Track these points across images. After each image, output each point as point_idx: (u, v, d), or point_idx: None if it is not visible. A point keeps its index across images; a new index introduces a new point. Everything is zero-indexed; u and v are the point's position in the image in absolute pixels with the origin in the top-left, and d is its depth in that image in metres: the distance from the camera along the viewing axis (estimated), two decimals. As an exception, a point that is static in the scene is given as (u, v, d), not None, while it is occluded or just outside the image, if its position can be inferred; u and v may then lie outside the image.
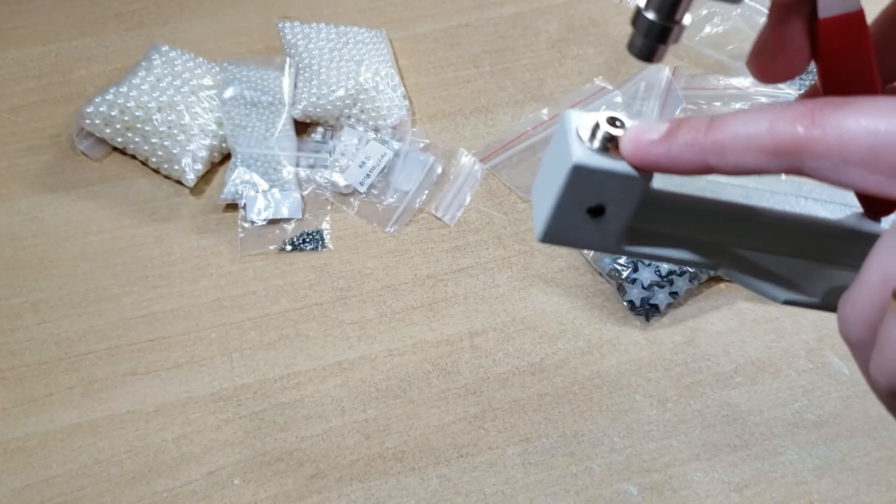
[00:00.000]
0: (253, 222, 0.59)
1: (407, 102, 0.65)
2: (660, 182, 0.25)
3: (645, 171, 0.24)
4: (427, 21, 0.73)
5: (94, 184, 0.62)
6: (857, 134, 0.19)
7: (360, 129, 0.63)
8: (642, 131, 0.23)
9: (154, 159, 0.61)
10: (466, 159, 0.63)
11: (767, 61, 0.26)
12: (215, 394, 0.52)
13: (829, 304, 0.26)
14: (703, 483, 0.50)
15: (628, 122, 0.24)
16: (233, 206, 0.60)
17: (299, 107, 0.63)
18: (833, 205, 0.27)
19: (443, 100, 0.68)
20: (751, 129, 0.21)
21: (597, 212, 0.24)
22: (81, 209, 0.61)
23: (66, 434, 0.51)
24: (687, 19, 0.24)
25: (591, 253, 0.58)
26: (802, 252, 0.27)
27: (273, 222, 0.60)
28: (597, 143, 0.24)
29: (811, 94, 0.27)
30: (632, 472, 0.50)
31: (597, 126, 0.24)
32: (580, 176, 0.23)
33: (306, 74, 0.64)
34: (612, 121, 0.24)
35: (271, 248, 0.59)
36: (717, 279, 0.58)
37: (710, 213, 0.26)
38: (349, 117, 0.63)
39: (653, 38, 0.25)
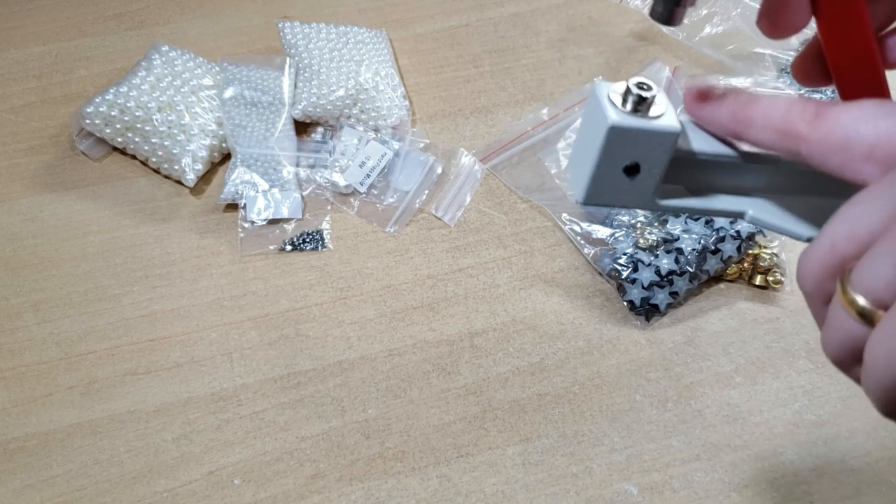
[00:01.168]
0: (253, 222, 0.59)
1: (407, 102, 0.65)
2: (687, 142, 0.28)
3: (695, 121, 0.27)
4: (427, 21, 0.73)
5: (94, 184, 0.62)
6: (840, 133, 0.23)
7: (360, 129, 0.63)
8: (701, 89, 0.28)
9: (154, 159, 0.61)
10: (466, 159, 0.63)
11: (773, 18, 0.30)
12: (215, 393, 0.52)
13: None
14: (703, 483, 0.50)
15: (655, 87, 0.26)
16: (233, 206, 0.60)
17: (299, 107, 0.63)
18: None
19: (443, 100, 0.68)
20: (773, 112, 0.25)
21: (632, 170, 0.27)
22: (81, 209, 0.61)
23: (66, 434, 0.51)
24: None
25: (591, 253, 0.58)
26: (825, 192, 0.29)
27: (273, 222, 0.60)
28: (629, 106, 0.26)
29: (810, 47, 0.31)
30: (632, 472, 0.50)
31: (627, 91, 0.26)
32: (616, 136, 0.26)
33: (306, 74, 0.64)
34: (640, 85, 0.26)
35: (271, 248, 0.59)
36: (718, 279, 0.58)
37: (736, 165, 0.29)
38: (349, 117, 0.63)
39: (672, 2, 0.28)
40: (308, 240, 0.59)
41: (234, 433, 0.51)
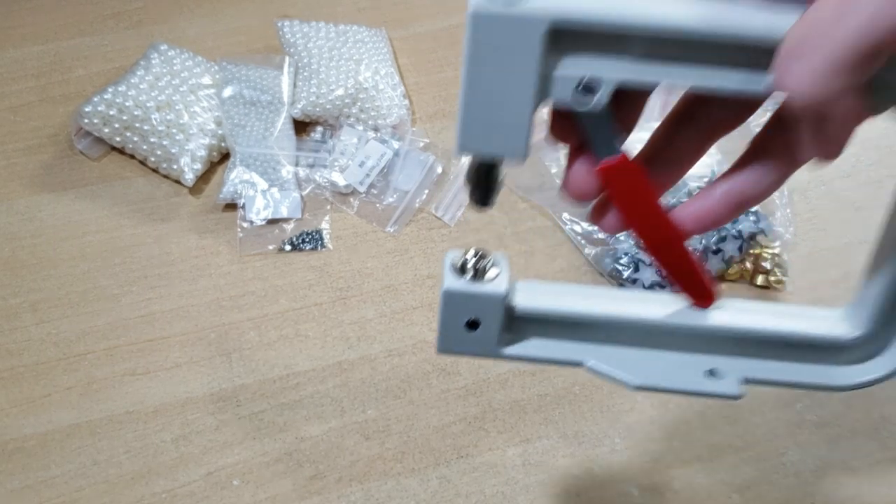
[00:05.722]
0: (252, 222, 0.59)
1: (407, 102, 0.65)
2: (522, 300, 0.31)
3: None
4: (427, 20, 0.73)
5: (92, 183, 0.62)
6: None
7: (360, 128, 0.63)
8: None
9: (153, 159, 0.61)
10: (466, 159, 0.63)
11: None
12: (214, 394, 0.52)
13: (678, 387, 0.32)
14: (704, 484, 0.50)
15: (492, 254, 0.31)
16: (232, 206, 0.60)
17: (298, 106, 0.62)
18: (665, 306, 0.32)
19: (443, 99, 0.67)
20: None
21: (473, 325, 0.31)
22: (80, 209, 0.60)
23: (64, 434, 0.51)
24: (502, 184, 0.31)
25: (592, 253, 0.58)
26: (648, 343, 0.32)
27: (272, 222, 0.59)
28: (468, 274, 0.30)
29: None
30: (633, 473, 0.50)
31: (465, 260, 0.30)
32: (450, 299, 0.30)
33: (305, 73, 0.64)
34: (476, 254, 0.31)
35: (270, 247, 0.59)
36: (719, 279, 0.58)
37: (569, 322, 0.32)
38: (349, 117, 0.63)
39: (485, 190, 0.31)
40: (307, 239, 0.59)
41: (233, 434, 0.51)
